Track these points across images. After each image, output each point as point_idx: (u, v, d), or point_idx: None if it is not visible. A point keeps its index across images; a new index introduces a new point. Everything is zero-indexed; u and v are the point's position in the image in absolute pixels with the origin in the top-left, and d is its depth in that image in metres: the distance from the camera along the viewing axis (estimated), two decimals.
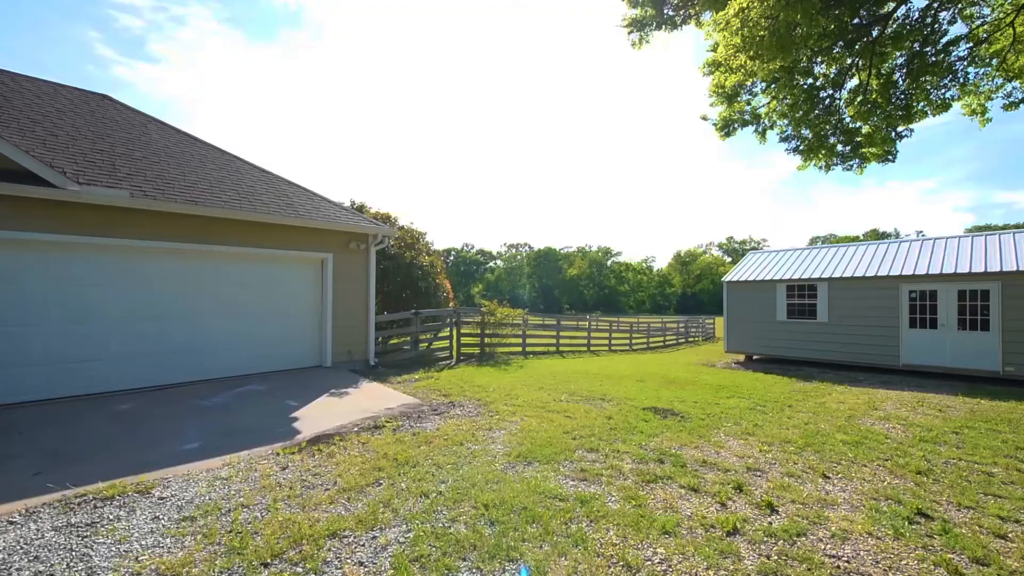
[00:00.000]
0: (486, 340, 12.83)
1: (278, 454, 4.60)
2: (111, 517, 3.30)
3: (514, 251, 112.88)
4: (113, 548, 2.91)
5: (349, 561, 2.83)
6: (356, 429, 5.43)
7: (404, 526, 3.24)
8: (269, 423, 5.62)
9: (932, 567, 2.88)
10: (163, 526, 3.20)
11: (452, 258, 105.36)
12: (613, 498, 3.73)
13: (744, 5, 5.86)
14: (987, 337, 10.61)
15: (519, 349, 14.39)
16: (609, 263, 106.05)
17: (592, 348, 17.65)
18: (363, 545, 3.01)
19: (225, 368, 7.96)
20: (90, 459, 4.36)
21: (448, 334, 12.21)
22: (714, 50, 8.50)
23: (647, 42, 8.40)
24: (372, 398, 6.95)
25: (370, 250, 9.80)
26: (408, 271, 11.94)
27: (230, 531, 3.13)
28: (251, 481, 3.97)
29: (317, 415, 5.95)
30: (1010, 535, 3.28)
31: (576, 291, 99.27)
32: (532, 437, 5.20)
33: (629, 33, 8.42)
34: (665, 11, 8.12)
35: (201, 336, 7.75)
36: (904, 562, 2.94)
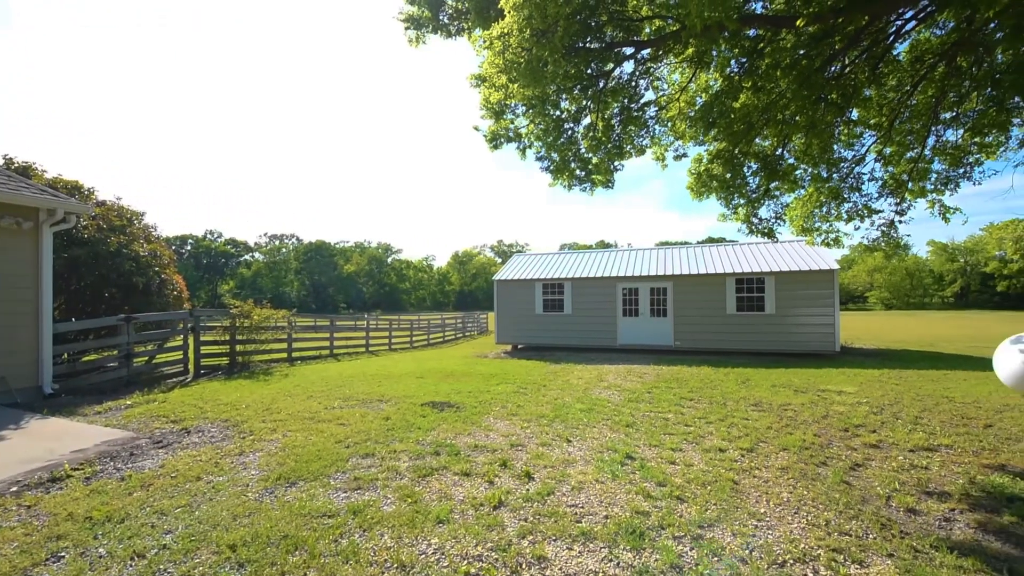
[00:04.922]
0: (239, 348, 10.82)
1: None
2: None
3: (278, 243, 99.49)
4: None
5: None
6: (14, 489, 3.76)
7: None
8: None
9: (635, 495, 3.76)
10: None
11: (190, 248, 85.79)
12: (389, 500, 3.60)
13: (506, 31, 6.50)
14: (666, 322, 14.77)
15: (284, 356, 12.71)
16: (390, 260, 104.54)
17: (371, 348, 16.98)
18: None
19: None
20: None
21: (181, 343, 9.74)
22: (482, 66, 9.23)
23: (424, 42, 8.48)
24: (46, 440, 4.95)
25: (42, 231, 6.98)
26: (114, 262, 8.94)
27: None
28: None
29: None
30: (677, 461, 4.57)
31: (354, 289, 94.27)
32: (297, 454, 4.60)
33: (406, 29, 8.35)
34: (441, 17, 8.37)
35: None
36: (618, 496, 3.75)
